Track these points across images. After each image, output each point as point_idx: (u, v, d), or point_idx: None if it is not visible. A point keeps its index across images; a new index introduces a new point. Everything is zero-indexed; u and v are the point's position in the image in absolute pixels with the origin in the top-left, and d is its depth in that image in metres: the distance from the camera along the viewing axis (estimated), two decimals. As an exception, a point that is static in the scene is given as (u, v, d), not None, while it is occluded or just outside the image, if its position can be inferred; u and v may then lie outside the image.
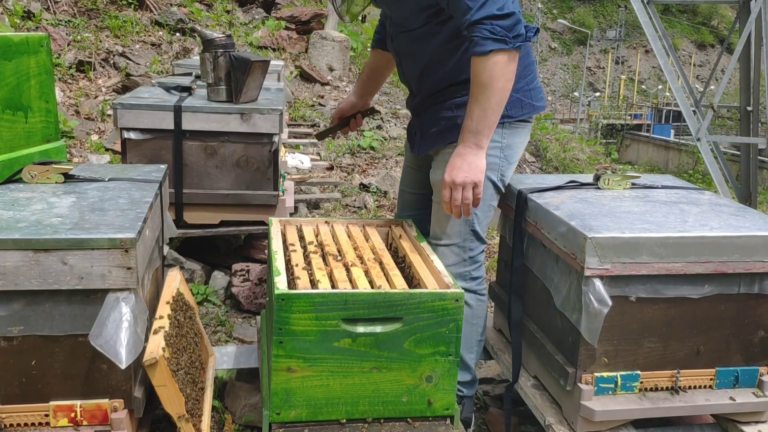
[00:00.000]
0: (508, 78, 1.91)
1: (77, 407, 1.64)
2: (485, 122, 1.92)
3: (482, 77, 1.88)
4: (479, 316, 2.21)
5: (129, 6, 7.99)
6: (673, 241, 1.81)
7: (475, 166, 1.94)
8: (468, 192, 1.95)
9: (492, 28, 1.84)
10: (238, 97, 3.07)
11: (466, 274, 2.16)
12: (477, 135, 1.93)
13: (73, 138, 5.16)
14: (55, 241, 1.56)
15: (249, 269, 3.32)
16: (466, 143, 1.95)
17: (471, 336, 2.20)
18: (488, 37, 1.84)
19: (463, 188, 1.94)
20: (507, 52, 1.86)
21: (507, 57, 1.87)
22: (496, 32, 1.84)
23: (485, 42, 1.85)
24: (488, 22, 1.84)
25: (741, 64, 8.74)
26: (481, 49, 1.85)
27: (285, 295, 1.62)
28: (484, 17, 1.84)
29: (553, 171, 8.97)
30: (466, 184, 1.94)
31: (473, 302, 2.18)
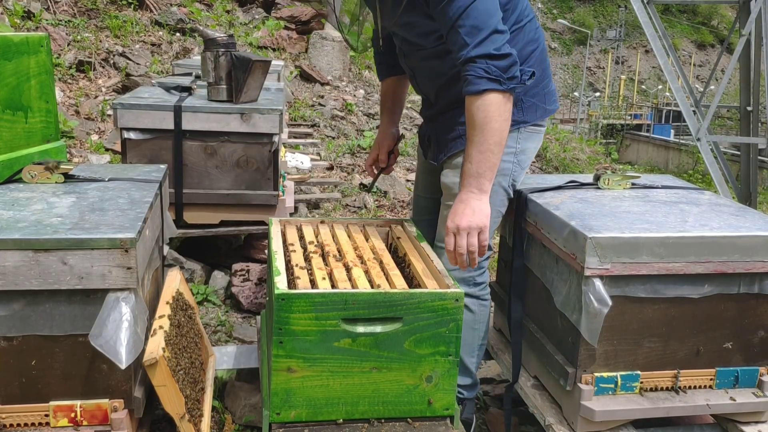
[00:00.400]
0: (505, 118, 1.86)
1: (77, 407, 1.64)
2: (485, 165, 1.86)
3: (477, 118, 1.84)
4: (481, 321, 2.21)
5: (129, 6, 7.99)
6: (673, 241, 1.81)
7: (479, 211, 1.87)
8: (473, 238, 1.87)
9: (487, 67, 1.81)
10: (239, 96, 3.07)
11: (470, 279, 2.15)
12: (478, 179, 1.87)
13: (73, 138, 5.16)
14: (55, 241, 1.56)
15: (249, 269, 3.32)
16: (468, 188, 1.89)
17: (473, 341, 2.20)
18: (482, 76, 1.82)
19: (468, 234, 1.86)
20: (501, 92, 1.83)
21: (501, 97, 1.84)
22: (490, 72, 1.81)
23: (479, 81, 1.82)
24: (483, 61, 1.82)
25: (741, 64, 8.74)
26: (475, 88, 1.82)
27: (285, 295, 1.62)
28: (480, 55, 1.82)
29: (553, 171, 8.97)
30: (471, 230, 1.86)
31: (476, 308, 2.18)
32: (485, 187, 1.88)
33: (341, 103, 8.13)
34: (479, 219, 1.86)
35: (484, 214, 1.87)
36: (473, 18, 1.82)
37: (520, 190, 2.21)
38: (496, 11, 1.87)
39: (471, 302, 2.15)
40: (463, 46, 1.84)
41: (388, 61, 2.34)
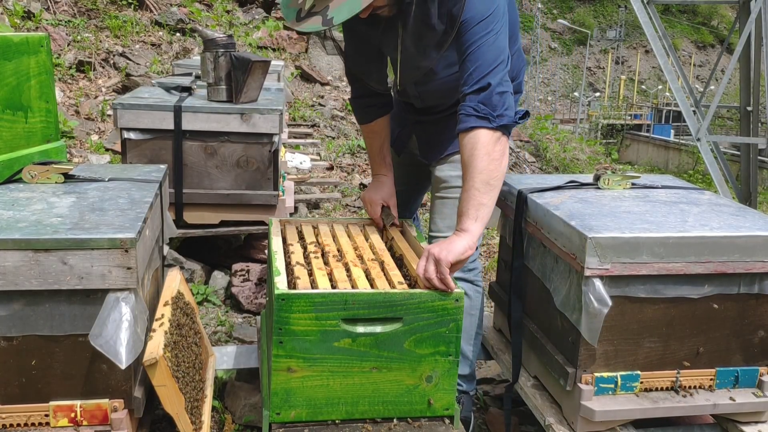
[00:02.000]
0: (494, 158, 1.82)
1: (77, 407, 1.64)
2: (470, 203, 1.82)
3: (464, 155, 1.84)
4: (477, 307, 2.25)
5: (129, 6, 7.99)
6: (673, 241, 1.81)
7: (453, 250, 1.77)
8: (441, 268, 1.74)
9: (476, 105, 1.82)
10: (239, 97, 3.07)
11: (466, 266, 2.17)
12: (462, 217, 1.84)
13: (73, 138, 5.16)
14: (55, 241, 1.56)
15: (249, 269, 3.32)
16: (456, 226, 1.86)
17: (470, 327, 2.22)
18: (471, 114, 1.82)
19: (437, 263, 1.74)
20: (490, 130, 1.82)
21: (490, 136, 1.82)
22: (479, 110, 1.82)
23: (468, 119, 1.83)
24: (474, 99, 1.82)
25: (741, 64, 8.74)
26: (464, 126, 1.83)
27: (285, 295, 1.62)
28: (473, 91, 1.83)
29: (553, 171, 8.98)
30: (438, 262, 1.74)
31: (471, 293, 2.21)
32: (466, 225, 1.82)
33: (341, 103, 8.13)
34: (445, 255, 1.75)
35: (456, 253, 1.77)
36: (481, 56, 1.83)
37: (520, 190, 2.21)
38: (505, 48, 1.88)
39: (467, 287, 2.17)
40: (466, 81, 1.85)
41: (378, 101, 2.23)
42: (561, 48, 44.62)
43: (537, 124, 11.75)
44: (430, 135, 2.25)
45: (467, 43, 1.85)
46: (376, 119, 2.23)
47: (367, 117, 2.25)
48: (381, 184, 2.26)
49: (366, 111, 2.25)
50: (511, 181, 2.34)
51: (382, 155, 2.27)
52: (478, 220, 1.83)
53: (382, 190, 2.25)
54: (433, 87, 2.15)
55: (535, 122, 12.02)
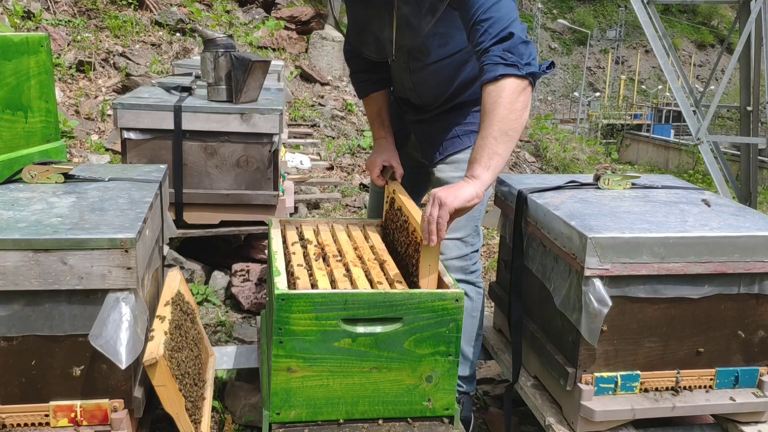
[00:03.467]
0: (517, 108, 1.77)
1: (77, 407, 1.64)
2: (484, 151, 1.77)
3: (486, 103, 1.77)
4: (478, 308, 2.26)
5: (129, 6, 7.99)
6: (673, 241, 1.81)
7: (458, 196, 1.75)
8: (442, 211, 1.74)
9: (503, 54, 1.76)
10: (239, 97, 3.07)
11: (467, 267, 2.20)
12: (473, 164, 1.80)
13: (73, 138, 5.16)
14: (55, 241, 1.56)
15: (249, 269, 3.32)
16: (466, 173, 1.82)
17: (472, 329, 2.23)
18: (498, 63, 1.76)
19: (439, 207, 1.74)
20: (518, 78, 1.76)
21: (517, 84, 1.76)
22: (506, 58, 1.76)
23: (495, 67, 1.76)
24: (499, 48, 1.78)
25: (741, 64, 8.74)
26: (491, 75, 1.76)
27: (285, 295, 1.62)
28: (497, 41, 1.78)
29: (553, 171, 8.97)
30: (441, 205, 1.74)
31: (473, 294, 2.22)
32: (477, 173, 1.78)
33: (341, 103, 8.13)
34: (452, 200, 1.73)
35: (462, 199, 1.74)
36: (495, 12, 1.80)
37: (520, 190, 2.21)
38: (515, 9, 1.86)
39: (469, 289, 2.19)
40: (484, 38, 1.80)
41: (373, 76, 2.28)
42: (561, 48, 44.62)
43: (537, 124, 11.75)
44: (429, 134, 2.25)
45: (476, 4, 1.81)
46: (372, 93, 2.29)
47: (363, 91, 2.32)
48: (380, 147, 2.27)
49: (362, 85, 2.31)
50: (511, 181, 2.34)
51: (380, 119, 2.30)
52: (489, 170, 1.78)
53: (381, 152, 2.26)
54: (427, 75, 2.12)
55: (535, 122, 12.02)
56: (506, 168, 7.18)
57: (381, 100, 2.30)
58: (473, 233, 2.20)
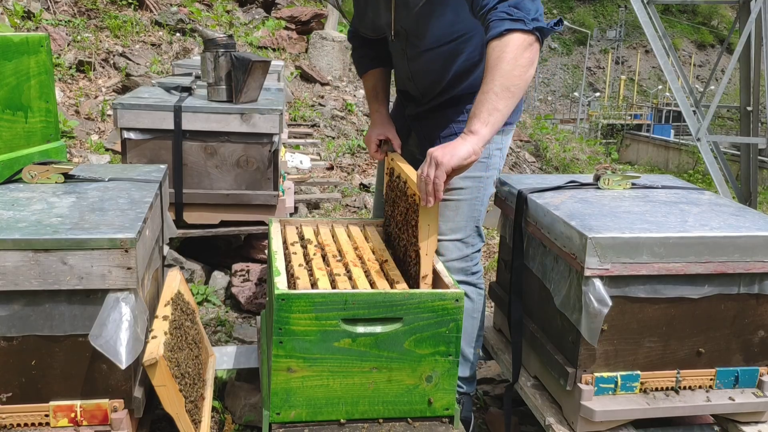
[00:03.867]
0: (522, 64, 1.70)
1: (77, 407, 1.64)
2: (484, 106, 1.70)
3: (490, 59, 1.70)
4: (479, 309, 2.26)
5: (129, 6, 7.99)
6: (673, 241, 1.81)
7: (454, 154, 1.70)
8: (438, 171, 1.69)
9: (509, 9, 1.72)
10: (239, 97, 3.07)
11: (468, 269, 2.20)
12: (472, 119, 1.73)
13: (73, 138, 5.16)
14: (55, 241, 1.56)
15: (249, 269, 3.32)
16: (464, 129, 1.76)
17: (472, 330, 2.23)
18: (504, 18, 1.71)
19: (435, 167, 1.69)
20: (524, 33, 1.70)
21: (523, 39, 1.70)
22: (512, 14, 1.71)
23: (501, 23, 1.70)
24: (505, 5, 1.73)
25: (741, 64, 8.74)
26: (496, 31, 1.70)
27: (285, 295, 1.62)
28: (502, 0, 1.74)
29: (553, 171, 8.98)
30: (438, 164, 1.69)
31: (474, 296, 2.22)
32: (475, 128, 1.71)
33: (341, 103, 8.13)
34: (448, 159, 1.68)
35: (459, 157, 1.69)
36: None
37: (520, 190, 2.21)
38: None
39: (470, 290, 2.19)
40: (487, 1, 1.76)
41: (371, 53, 2.30)
42: (561, 48, 44.62)
43: (537, 124, 11.75)
44: (427, 131, 2.25)
45: None
46: (369, 70, 2.31)
47: (361, 69, 2.35)
48: (375, 121, 2.28)
49: (361, 61, 2.34)
50: (511, 181, 2.34)
51: (375, 93, 2.31)
52: (488, 125, 1.72)
53: (376, 126, 2.27)
54: (423, 62, 2.11)
55: (535, 122, 12.02)
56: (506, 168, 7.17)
57: (377, 76, 2.31)
58: (473, 234, 2.20)
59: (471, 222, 2.17)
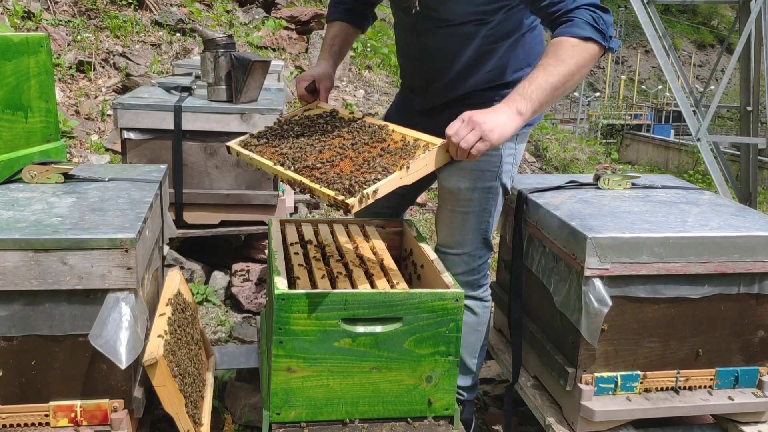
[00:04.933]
0: (583, 73, 1.70)
1: (77, 407, 1.64)
2: (540, 95, 1.66)
3: (565, 55, 1.67)
4: (483, 323, 2.21)
5: (129, 6, 7.99)
6: (673, 241, 1.81)
7: (501, 126, 1.64)
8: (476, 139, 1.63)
9: (597, 17, 1.68)
10: (239, 97, 3.07)
11: (474, 282, 2.15)
12: (526, 101, 1.66)
13: (73, 138, 5.16)
14: (55, 241, 1.56)
15: (249, 269, 3.32)
16: (510, 102, 1.67)
17: (475, 342, 2.20)
18: (591, 23, 1.68)
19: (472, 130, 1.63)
20: (599, 48, 1.69)
21: (597, 52, 1.69)
22: (599, 22, 1.68)
23: (586, 26, 1.67)
24: (593, 9, 1.69)
25: (741, 64, 8.74)
26: (581, 33, 1.67)
27: (285, 295, 1.62)
28: (588, 5, 1.70)
29: (553, 171, 8.97)
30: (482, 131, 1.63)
31: (479, 310, 2.18)
32: (524, 110, 1.66)
33: (341, 103, 8.12)
34: (495, 132, 1.63)
35: (503, 132, 1.65)
36: None
37: (520, 190, 2.21)
38: None
39: (474, 304, 2.15)
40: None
41: (351, 4, 2.18)
42: (561, 48, 44.51)
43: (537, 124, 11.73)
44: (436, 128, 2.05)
45: None
46: (340, 20, 2.18)
47: (334, 13, 2.21)
48: (318, 65, 2.15)
49: (336, 8, 2.21)
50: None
51: (332, 43, 2.18)
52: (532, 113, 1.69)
53: (316, 69, 2.13)
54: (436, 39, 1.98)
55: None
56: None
57: (345, 31, 2.19)
58: (481, 246, 2.13)
59: (479, 234, 2.10)
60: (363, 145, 1.78)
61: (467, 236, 2.09)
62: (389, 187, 1.62)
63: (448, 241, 2.12)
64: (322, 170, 1.70)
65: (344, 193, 1.57)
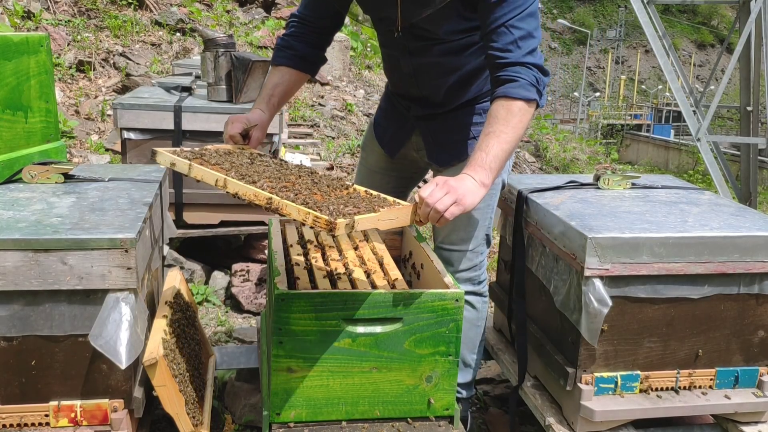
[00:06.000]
0: (524, 134, 1.80)
1: (77, 407, 1.64)
2: (498, 164, 1.72)
3: (514, 121, 1.73)
4: (483, 318, 2.23)
5: (129, 6, 7.99)
6: (673, 241, 1.81)
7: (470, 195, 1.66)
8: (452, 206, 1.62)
9: (539, 78, 1.75)
10: (238, 97, 3.07)
11: (475, 278, 2.17)
12: (487, 172, 1.71)
13: (73, 138, 5.16)
14: (55, 241, 1.56)
15: (249, 269, 3.32)
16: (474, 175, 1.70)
17: (475, 338, 2.21)
18: (534, 85, 1.75)
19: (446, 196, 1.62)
20: (536, 107, 1.77)
21: (534, 111, 1.78)
22: (540, 84, 1.76)
23: (531, 88, 1.74)
24: (536, 71, 1.75)
25: (741, 64, 8.74)
26: (526, 95, 1.73)
27: (285, 295, 1.62)
28: (533, 63, 1.75)
29: (553, 171, 8.97)
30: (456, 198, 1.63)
31: (479, 305, 2.19)
32: (487, 181, 1.71)
33: (341, 103, 8.12)
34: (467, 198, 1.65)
35: (473, 200, 1.67)
36: (528, 24, 1.76)
37: (520, 190, 2.21)
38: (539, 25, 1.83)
39: (475, 300, 2.17)
40: (513, 48, 1.75)
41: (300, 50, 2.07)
42: (561, 48, 44.63)
43: (537, 124, 11.75)
44: (438, 133, 2.12)
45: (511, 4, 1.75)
46: (285, 66, 2.06)
47: (279, 58, 2.08)
48: (252, 112, 2.01)
49: (282, 52, 2.08)
50: (511, 181, 2.34)
51: (270, 94, 2.05)
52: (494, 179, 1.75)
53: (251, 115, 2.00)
54: (430, 57, 1.98)
55: (535, 122, 12.01)
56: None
57: (287, 78, 2.07)
58: (482, 243, 2.15)
59: (482, 231, 2.12)
60: (326, 186, 1.69)
61: (471, 233, 2.10)
62: (367, 224, 1.53)
63: (452, 238, 2.12)
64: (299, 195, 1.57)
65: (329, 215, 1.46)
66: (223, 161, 1.73)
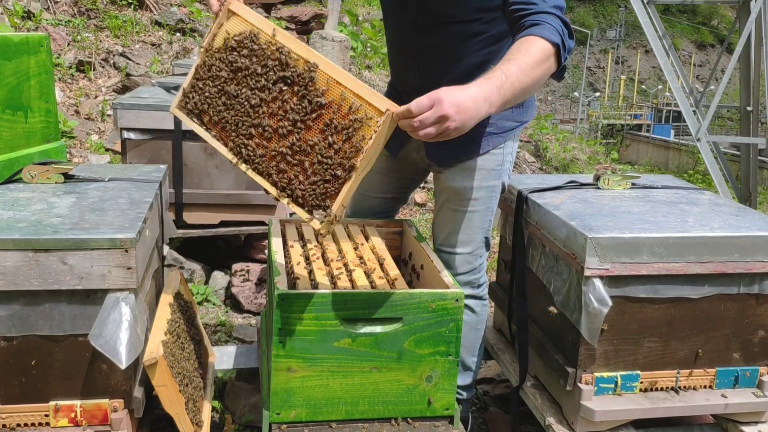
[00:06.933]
0: (544, 79, 1.63)
1: (77, 407, 1.64)
2: (511, 90, 1.53)
3: (536, 57, 1.57)
4: (483, 321, 2.22)
5: (129, 6, 7.99)
6: (673, 241, 1.81)
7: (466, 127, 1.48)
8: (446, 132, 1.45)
9: (563, 30, 1.66)
10: (238, 97, 3.07)
11: (475, 281, 2.16)
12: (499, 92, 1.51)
13: (73, 138, 5.16)
14: (55, 241, 1.56)
15: (249, 269, 3.32)
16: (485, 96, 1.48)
17: (475, 341, 2.20)
18: (560, 33, 1.64)
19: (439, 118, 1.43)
20: (558, 59, 1.64)
21: (555, 62, 1.64)
22: (564, 36, 1.65)
23: (556, 34, 1.62)
24: (561, 23, 1.67)
25: (741, 64, 8.74)
26: (551, 37, 1.61)
27: (285, 295, 1.62)
28: (559, 16, 1.67)
29: (553, 171, 8.97)
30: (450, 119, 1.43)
31: (479, 309, 2.18)
32: (495, 101, 1.51)
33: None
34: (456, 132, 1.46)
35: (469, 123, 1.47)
36: None
37: (520, 190, 2.21)
38: None
39: (474, 303, 2.16)
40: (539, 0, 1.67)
41: None
42: (561, 48, 44.54)
43: (537, 124, 11.74)
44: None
45: None
46: None
47: None
48: None
49: None
50: (511, 181, 2.34)
51: None
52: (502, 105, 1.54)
53: None
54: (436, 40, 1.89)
55: (535, 122, 12.00)
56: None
57: None
58: (482, 245, 2.13)
59: (481, 233, 2.11)
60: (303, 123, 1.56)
61: (471, 235, 2.09)
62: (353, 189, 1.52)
63: (451, 240, 2.11)
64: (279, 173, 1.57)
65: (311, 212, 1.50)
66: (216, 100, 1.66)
